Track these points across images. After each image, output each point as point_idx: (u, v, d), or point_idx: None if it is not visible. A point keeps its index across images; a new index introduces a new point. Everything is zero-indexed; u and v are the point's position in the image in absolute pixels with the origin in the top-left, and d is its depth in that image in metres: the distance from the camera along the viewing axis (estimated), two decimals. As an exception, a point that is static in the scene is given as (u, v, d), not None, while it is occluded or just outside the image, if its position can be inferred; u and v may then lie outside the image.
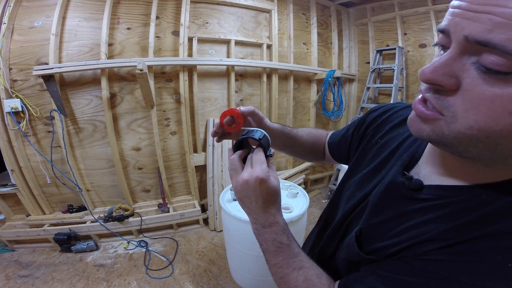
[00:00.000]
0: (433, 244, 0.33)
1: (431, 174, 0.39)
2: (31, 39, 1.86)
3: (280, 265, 0.44)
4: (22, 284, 1.74)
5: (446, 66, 0.28)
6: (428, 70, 0.29)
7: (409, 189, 0.39)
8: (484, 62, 0.25)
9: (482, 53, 0.25)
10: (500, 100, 0.25)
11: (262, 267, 0.45)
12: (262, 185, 0.42)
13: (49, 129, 1.99)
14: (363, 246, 0.42)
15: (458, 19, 0.27)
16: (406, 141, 0.47)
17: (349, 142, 0.62)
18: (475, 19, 0.25)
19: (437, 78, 0.28)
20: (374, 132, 0.55)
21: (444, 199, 0.35)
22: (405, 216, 0.38)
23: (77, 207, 2.20)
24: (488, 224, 0.30)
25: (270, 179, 0.43)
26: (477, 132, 0.27)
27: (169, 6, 2.18)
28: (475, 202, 0.32)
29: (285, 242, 0.44)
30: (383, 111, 0.56)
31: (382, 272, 0.37)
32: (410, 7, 2.65)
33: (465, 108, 0.27)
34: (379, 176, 0.46)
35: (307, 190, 2.41)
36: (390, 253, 0.37)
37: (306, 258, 0.45)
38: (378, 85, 2.86)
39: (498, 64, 0.24)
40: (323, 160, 0.76)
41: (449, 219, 0.33)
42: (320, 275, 0.44)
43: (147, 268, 1.90)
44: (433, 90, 0.31)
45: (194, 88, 2.29)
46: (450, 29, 0.28)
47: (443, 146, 0.33)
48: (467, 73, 0.27)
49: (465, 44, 0.26)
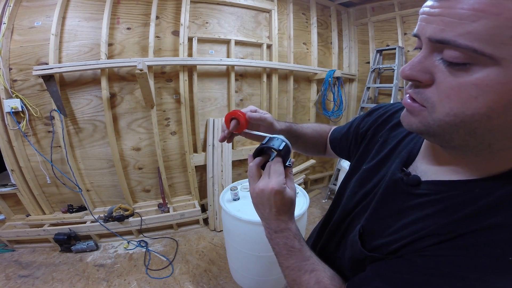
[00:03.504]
0: (432, 239, 0.34)
1: (428, 169, 0.41)
2: (31, 39, 1.86)
3: (292, 268, 0.46)
4: (22, 284, 1.74)
5: (420, 63, 0.32)
6: (407, 68, 0.33)
7: (407, 185, 0.40)
8: (446, 57, 0.29)
9: (444, 50, 0.29)
10: (465, 87, 0.28)
11: (262, 267, 0.45)
12: (276, 196, 0.44)
13: (49, 129, 1.99)
14: (365, 244, 0.42)
15: (423, 23, 0.31)
16: (404, 139, 0.48)
17: (350, 140, 0.64)
18: (432, 22, 0.29)
19: (415, 74, 0.32)
20: (375, 131, 0.56)
21: (440, 193, 0.36)
22: (405, 212, 0.39)
23: (77, 207, 2.20)
24: (484, 217, 0.32)
25: (286, 191, 0.45)
26: (454, 117, 0.30)
27: (169, 6, 2.18)
28: (470, 196, 0.34)
29: (297, 246, 0.46)
30: (383, 111, 0.57)
31: (386, 273, 0.37)
32: (410, 7, 2.65)
33: (440, 98, 0.31)
34: (380, 174, 0.47)
35: (307, 190, 2.41)
36: (392, 250, 0.38)
37: (318, 261, 0.46)
38: (378, 85, 2.86)
39: (455, 57, 0.28)
40: (324, 154, 0.78)
41: (447, 214, 0.34)
42: (333, 277, 0.45)
43: (147, 268, 1.90)
44: (414, 86, 0.34)
45: (194, 88, 2.29)
46: (419, 33, 0.32)
47: (432, 137, 0.35)
48: (437, 68, 0.31)
49: (430, 44, 0.31)
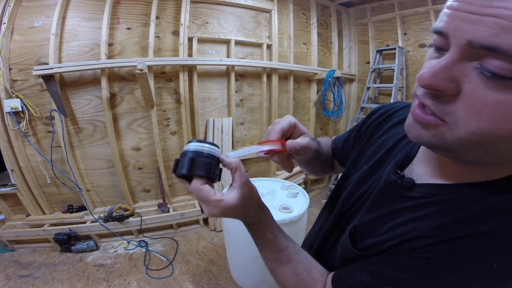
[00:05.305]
0: (421, 241, 0.33)
1: (424, 173, 0.39)
2: (31, 39, 1.86)
3: (269, 258, 0.46)
4: (22, 284, 1.74)
5: (446, 70, 0.27)
6: (428, 75, 0.28)
7: (401, 187, 0.39)
8: (489, 67, 0.24)
9: (486, 57, 0.24)
10: (505, 106, 0.24)
11: (262, 267, 0.45)
12: (224, 214, 0.41)
13: (49, 129, 1.99)
14: (356, 243, 0.42)
15: (458, 22, 0.25)
16: (402, 140, 0.47)
17: (351, 146, 0.62)
18: (478, 23, 0.24)
19: (437, 83, 0.27)
20: (373, 131, 0.55)
21: (434, 196, 0.35)
22: (397, 213, 0.39)
23: (77, 207, 2.20)
24: (476, 223, 0.30)
25: (224, 205, 0.40)
26: (479, 137, 0.26)
27: (169, 6, 2.18)
28: (464, 200, 0.32)
29: (270, 237, 0.46)
30: (383, 111, 0.56)
31: (373, 268, 0.37)
32: (410, 7, 2.65)
33: (466, 114, 0.26)
34: (376, 175, 0.47)
35: (307, 190, 2.41)
36: (381, 250, 0.38)
37: (294, 253, 0.46)
38: (378, 85, 2.86)
39: (505, 69, 0.23)
40: (332, 170, 0.72)
41: (438, 217, 0.33)
42: (310, 269, 0.45)
43: (147, 268, 1.90)
44: (431, 95, 0.29)
45: (194, 88, 2.29)
46: (449, 32, 0.27)
47: (443, 151, 0.32)
48: (468, 77, 0.26)
49: (468, 48, 0.25)
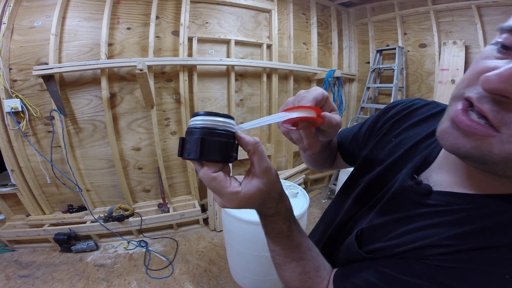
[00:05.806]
0: (434, 249, 0.32)
1: (443, 180, 0.37)
2: (31, 39, 1.86)
3: (278, 253, 0.44)
4: (22, 284, 1.74)
5: None
6: (498, 78, 0.24)
7: (417, 193, 0.37)
8: None
9: None
10: None
11: (262, 267, 0.45)
12: (241, 205, 0.36)
13: (49, 129, 1.99)
14: (363, 247, 0.41)
15: None
16: (422, 143, 0.44)
17: (361, 142, 0.57)
18: None
19: (509, 88, 0.23)
20: (390, 128, 0.51)
21: (452, 205, 0.34)
22: (409, 219, 0.37)
23: (77, 207, 2.20)
24: (493, 235, 0.29)
25: (240, 201, 0.35)
26: None
27: (169, 6, 2.18)
28: (483, 211, 0.31)
29: (285, 232, 0.42)
30: (401, 108, 0.52)
31: (380, 268, 0.36)
32: (410, 7, 2.65)
33: None
34: (390, 177, 0.44)
35: (307, 190, 2.41)
36: (390, 255, 0.36)
37: (307, 250, 0.44)
38: (378, 85, 2.87)
39: None
40: (332, 165, 0.68)
41: (455, 226, 0.32)
42: (319, 268, 0.44)
43: (147, 268, 1.90)
44: (492, 100, 0.25)
45: (194, 88, 2.29)
46: None
47: (479, 164, 0.28)
48: None
49: None
